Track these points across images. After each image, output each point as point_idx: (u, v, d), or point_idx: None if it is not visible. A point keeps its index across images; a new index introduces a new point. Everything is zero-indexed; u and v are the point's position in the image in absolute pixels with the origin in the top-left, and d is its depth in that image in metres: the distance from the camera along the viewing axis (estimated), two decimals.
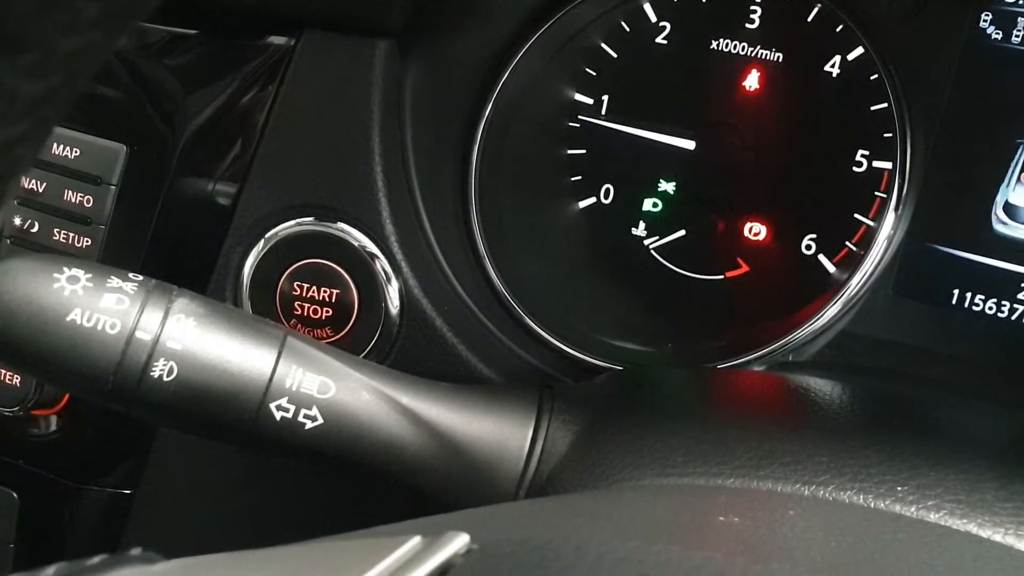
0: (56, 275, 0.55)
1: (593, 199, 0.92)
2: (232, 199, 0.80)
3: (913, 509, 0.49)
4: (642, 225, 0.91)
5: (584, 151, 0.91)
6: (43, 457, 0.83)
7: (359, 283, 0.76)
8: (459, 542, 0.38)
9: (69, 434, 0.82)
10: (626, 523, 0.39)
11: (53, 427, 0.81)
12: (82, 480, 0.84)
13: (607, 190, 0.92)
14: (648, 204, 0.91)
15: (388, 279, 0.76)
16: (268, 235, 0.78)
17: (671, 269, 0.91)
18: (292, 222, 0.77)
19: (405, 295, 0.77)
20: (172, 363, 0.56)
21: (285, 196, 0.78)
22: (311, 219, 0.77)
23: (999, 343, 0.84)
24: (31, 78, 0.28)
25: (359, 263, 0.76)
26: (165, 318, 0.56)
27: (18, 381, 0.77)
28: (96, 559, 0.40)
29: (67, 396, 0.80)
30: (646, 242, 0.91)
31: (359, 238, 0.76)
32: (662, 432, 0.57)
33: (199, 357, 0.56)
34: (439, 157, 0.84)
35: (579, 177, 0.92)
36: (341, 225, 0.77)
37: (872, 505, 0.49)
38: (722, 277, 0.90)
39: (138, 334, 0.55)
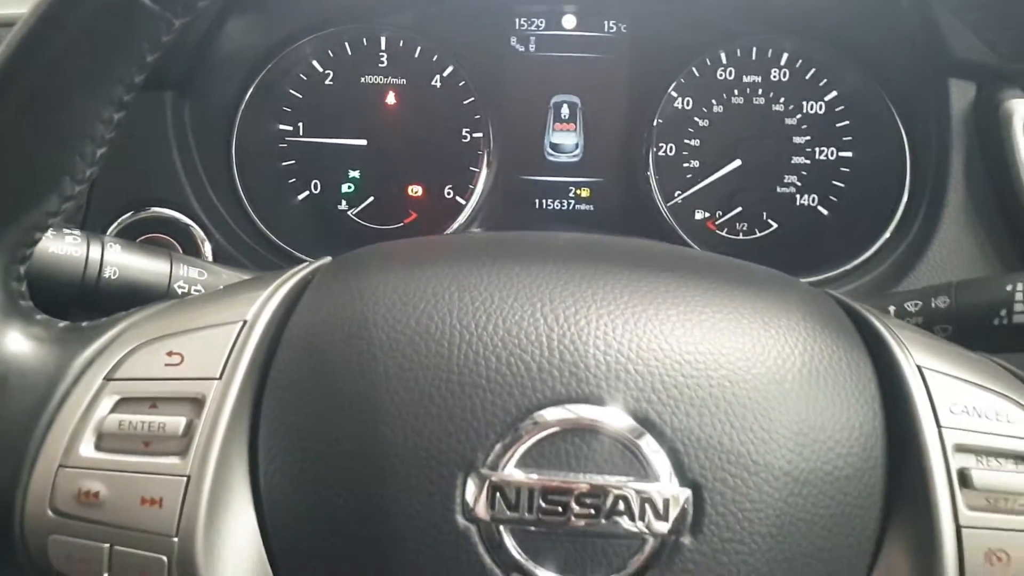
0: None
1: (307, 192, 1.34)
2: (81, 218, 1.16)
3: None
4: (343, 202, 1.35)
5: (294, 161, 1.33)
6: None
7: (184, 245, 1.16)
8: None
9: None
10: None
11: None
12: None
13: (315, 184, 1.34)
14: (344, 187, 1.35)
15: (203, 239, 1.17)
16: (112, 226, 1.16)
17: (368, 226, 1.36)
18: (128, 214, 1.15)
19: (215, 247, 1.18)
20: (115, 268, 0.94)
21: (120, 198, 1.15)
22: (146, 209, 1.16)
23: (567, 226, 1.40)
24: None
25: (182, 231, 1.16)
26: (103, 247, 0.95)
27: None
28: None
29: None
30: (348, 212, 1.35)
31: (177, 216, 1.17)
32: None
33: (130, 263, 0.95)
34: (217, 161, 1.24)
35: (294, 179, 1.34)
36: (159, 208, 1.16)
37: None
38: (402, 224, 1.35)
39: (91, 255, 0.94)
